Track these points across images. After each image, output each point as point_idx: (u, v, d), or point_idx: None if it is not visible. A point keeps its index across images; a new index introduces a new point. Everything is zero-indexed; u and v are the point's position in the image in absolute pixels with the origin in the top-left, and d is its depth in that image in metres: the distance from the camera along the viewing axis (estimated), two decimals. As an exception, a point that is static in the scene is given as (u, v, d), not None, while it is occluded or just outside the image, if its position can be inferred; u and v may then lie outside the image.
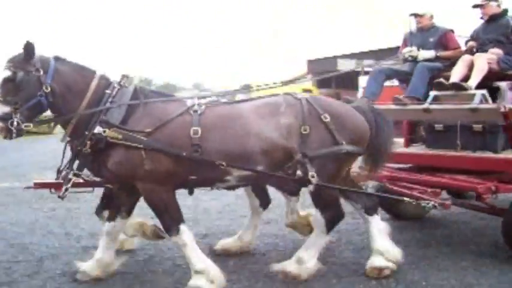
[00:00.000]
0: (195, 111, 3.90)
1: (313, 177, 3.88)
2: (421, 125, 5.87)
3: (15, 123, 3.68)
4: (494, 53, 5.38)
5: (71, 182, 3.92)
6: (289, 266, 4.10)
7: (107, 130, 3.74)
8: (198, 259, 3.85)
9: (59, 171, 4.07)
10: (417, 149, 5.73)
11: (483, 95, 4.87)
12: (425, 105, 5.08)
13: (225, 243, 4.88)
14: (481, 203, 4.69)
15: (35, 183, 4.65)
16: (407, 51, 5.87)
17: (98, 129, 3.74)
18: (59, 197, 4.04)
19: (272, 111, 3.97)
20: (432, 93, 5.19)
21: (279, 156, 3.90)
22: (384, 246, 4.22)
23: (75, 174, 3.94)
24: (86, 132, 3.77)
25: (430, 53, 5.75)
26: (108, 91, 3.92)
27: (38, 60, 3.82)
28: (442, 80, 5.18)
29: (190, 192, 4.15)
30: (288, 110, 3.96)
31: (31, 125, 3.81)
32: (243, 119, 3.92)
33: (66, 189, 3.93)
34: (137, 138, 3.76)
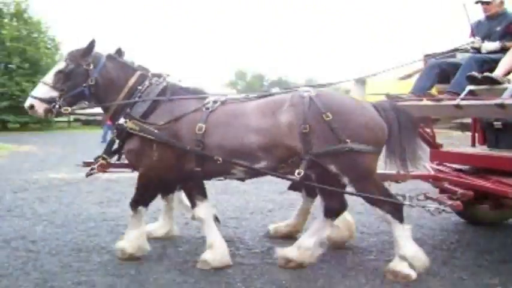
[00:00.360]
0: (207, 108, 4.24)
1: (299, 174, 3.97)
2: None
3: (57, 106, 4.38)
4: None
5: (97, 164, 4.50)
6: (396, 265, 4.06)
7: (128, 121, 4.24)
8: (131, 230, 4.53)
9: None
10: (478, 149, 5.43)
11: None
12: (457, 101, 4.65)
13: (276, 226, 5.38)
14: None
15: (84, 162, 5.11)
16: (469, 43, 5.35)
17: (121, 120, 4.30)
18: (86, 175, 4.58)
19: (275, 110, 4.09)
20: (468, 87, 4.77)
21: (280, 154, 4.04)
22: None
23: (103, 158, 4.50)
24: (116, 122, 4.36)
25: (494, 45, 5.12)
26: (139, 87, 4.44)
27: (92, 56, 4.47)
28: (474, 73, 4.73)
29: None
30: (290, 108, 4.04)
31: (69, 109, 4.45)
32: (245, 117, 4.14)
33: (92, 169, 4.52)
34: (149, 130, 4.19)
